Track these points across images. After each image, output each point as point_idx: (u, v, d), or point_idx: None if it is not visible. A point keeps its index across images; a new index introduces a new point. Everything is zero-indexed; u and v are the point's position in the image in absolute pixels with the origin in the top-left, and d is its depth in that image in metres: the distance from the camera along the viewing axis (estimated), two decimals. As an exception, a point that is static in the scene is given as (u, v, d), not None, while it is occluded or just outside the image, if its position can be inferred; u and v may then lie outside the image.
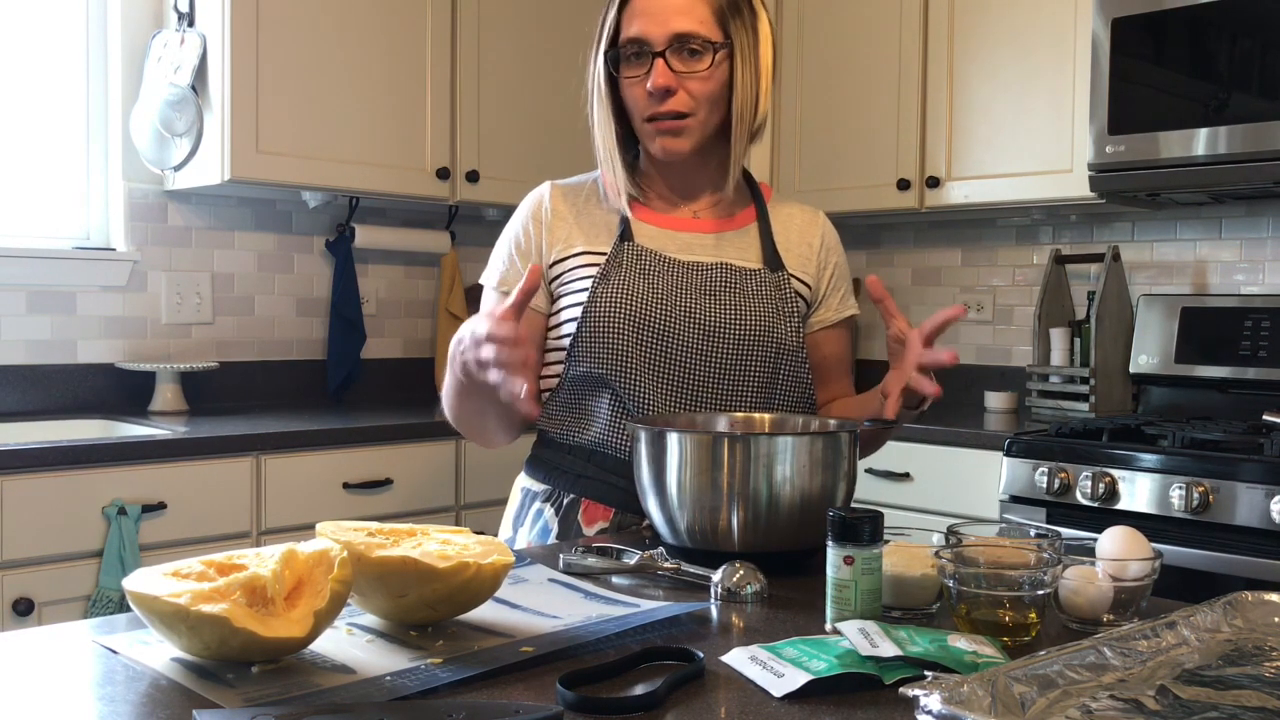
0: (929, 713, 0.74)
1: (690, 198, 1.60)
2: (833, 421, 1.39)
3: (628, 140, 1.58)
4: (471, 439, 1.61)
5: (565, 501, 1.54)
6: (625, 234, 1.53)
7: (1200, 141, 2.60)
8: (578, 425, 1.54)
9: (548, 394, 1.57)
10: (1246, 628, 1.01)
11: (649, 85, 1.48)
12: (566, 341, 1.52)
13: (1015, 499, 2.57)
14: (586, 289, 1.50)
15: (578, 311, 1.50)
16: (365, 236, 3.29)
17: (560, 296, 1.55)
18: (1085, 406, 3.04)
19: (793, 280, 1.57)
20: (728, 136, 1.55)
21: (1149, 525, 2.03)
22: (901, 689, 0.77)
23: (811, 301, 1.60)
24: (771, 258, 1.57)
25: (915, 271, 3.68)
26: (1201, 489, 2.27)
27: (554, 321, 1.57)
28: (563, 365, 1.53)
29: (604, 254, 1.53)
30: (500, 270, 1.58)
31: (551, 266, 1.56)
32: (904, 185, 3.23)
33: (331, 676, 0.89)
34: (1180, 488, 2.30)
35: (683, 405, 1.50)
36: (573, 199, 1.59)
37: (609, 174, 1.57)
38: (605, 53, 1.51)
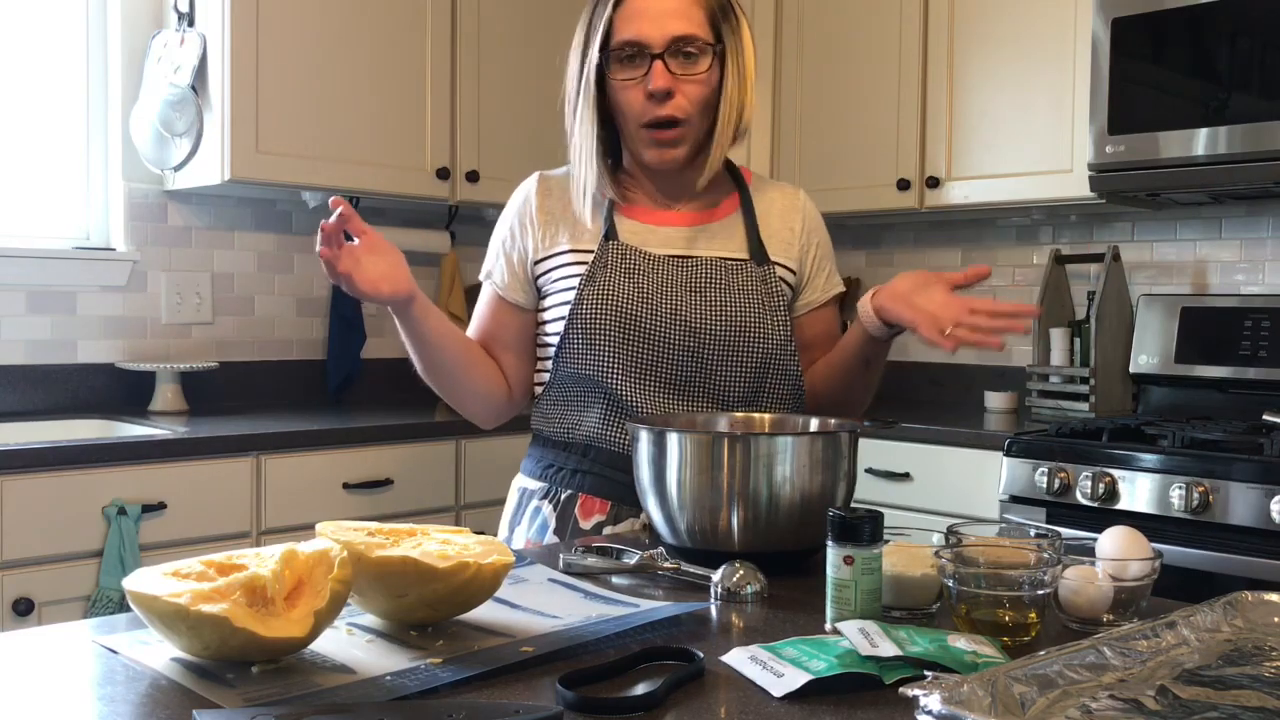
0: (929, 713, 0.74)
1: (674, 200, 1.59)
2: (833, 421, 1.39)
3: (609, 144, 1.55)
4: (448, 401, 1.62)
5: (563, 497, 1.54)
6: (610, 232, 1.53)
7: (1200, 141, 2.60)
8: (571, 422, 1.54)
9: (540, 390, 1.58)
10: (1246, 628, 1.01)
11: (650, 87, 1.46)
12: (556, 340, 1.52)
13: (1015, 499, 2.57)
14: (573, 288, 1.51)
15: (565, 311, 1.51)
16: (365, 236, 3.29)
17: (547, 295, 1.56)
18: (1085, 406, 3.04)
19: (777, 269, 1.57)
20: (712, 139, 1.54)
21: (1149, 525, 2.03)
22: (901, 689, 0.77)
23: (797, 286, 1.61)
24: (756, 249, 1.57)
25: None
26: (1201, 489, 2.27)
27: (542, 319, 1.58)
28: (552, 364, 1.54)
29: (589, 251, 1.52)
30: (488, 265, 1.62)
31: (537, 264, 1.57)
32: (904, 185, 3.23)
33: (331, 676, 0.89)
34: (1180, 488, 2.30)
35: (673, 404, 1.50)
36: (560, 192, 1.59)
37: (586, 176, 1.53)
38: (599, 54, 1.48)
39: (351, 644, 0.97)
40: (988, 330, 1.36)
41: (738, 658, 0.94)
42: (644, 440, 1.30)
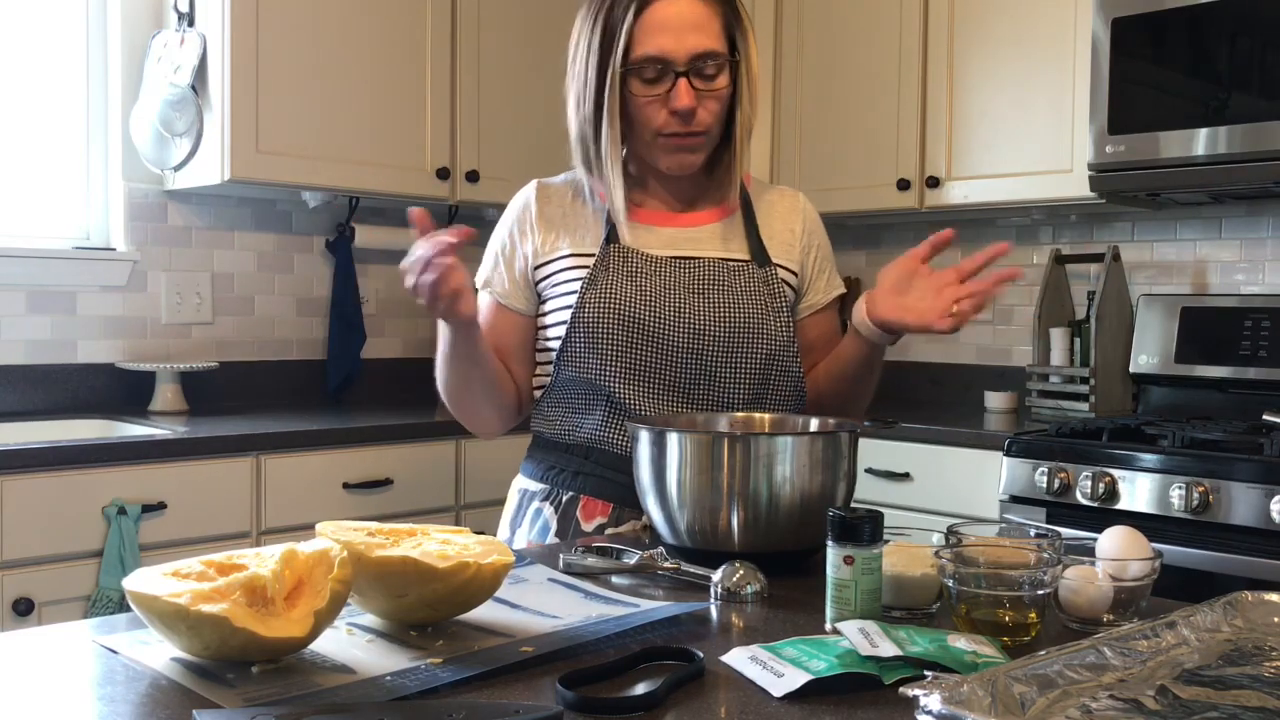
0: (929, 713, 0.74)
1: (679, 205, 1.59)
2: (833, 421, 1.39)
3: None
4: (462, 417, 1.59)
5: (564, 499, 1.54)
6: (611, 235, 1.53)
7: (1200, 141, 2.60)
8: (572, 423, 1.54)
9: (540, 393, 1.57)
10: (1246, 628, 1.01)
11: (675, 106, 1.46)
12: (556, 344, 1.52)
13: (1015, 499, 2.57)
14: (574, 291, 1.50)
15: (566, 314, 1.50)
16: (365, 236, 3.29)
17: (547, 299, 1.55)
18: (1085, 406, 3.04)
19: (779, 270, 1.57)
20: (723, 144, 1.55)
21: (1149, 525, 2.03)
22: (901, 689, 0.77)
23: (799, 289, 1.61)
24: (758, 251, 1.57)
25: (915, 271, 3.68)
26: (1201, 489, 2.27)
27: (543, 323, 1.57)
28: (553, 367, 1.53)
29: (591, 254, 1.52)
30: (485, 273, 1.60)
31: (538, 268, 1.56)
32: (904, 185, 3.23)
33: (331, 676, 0.89)
34: (1180, 488, 2.30)
35: (676, 406, 1.50)
36: (559, 199, 1.59)
37: (609, 188, 1.51)
38: (620, 67, 1.46)
39: (351, 644, 0.97)
40: (981, 296, 1.42)
41: (738, 658, 0.93)
42: (644, 440, 1.30)
